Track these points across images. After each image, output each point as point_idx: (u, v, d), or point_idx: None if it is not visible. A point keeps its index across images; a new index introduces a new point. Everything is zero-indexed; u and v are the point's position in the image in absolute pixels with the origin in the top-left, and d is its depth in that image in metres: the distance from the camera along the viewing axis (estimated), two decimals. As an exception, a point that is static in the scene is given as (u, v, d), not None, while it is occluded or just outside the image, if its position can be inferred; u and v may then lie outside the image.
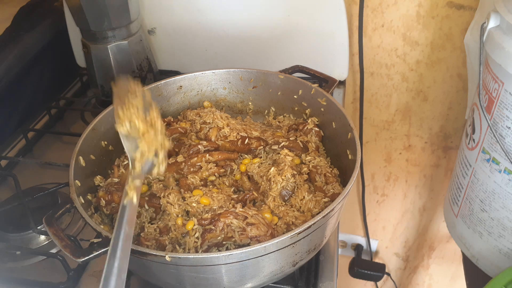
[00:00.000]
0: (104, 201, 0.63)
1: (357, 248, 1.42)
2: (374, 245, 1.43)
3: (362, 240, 1.42)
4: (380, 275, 1.30)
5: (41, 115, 1.00)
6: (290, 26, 0.95)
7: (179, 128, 0.73)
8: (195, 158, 0.67)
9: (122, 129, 0.56)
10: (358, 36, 0.98)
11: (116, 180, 0.65)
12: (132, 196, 0.51)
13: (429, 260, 1.41)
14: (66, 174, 0.81)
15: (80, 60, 1.07)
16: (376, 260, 1.47)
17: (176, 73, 1.05)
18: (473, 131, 0.67)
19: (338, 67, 0.98)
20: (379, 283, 1.49)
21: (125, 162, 0.68)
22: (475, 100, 0.68)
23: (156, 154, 0.56)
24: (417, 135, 1.14)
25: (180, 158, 0.67)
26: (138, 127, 0.56)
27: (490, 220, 0.67)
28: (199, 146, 0.69)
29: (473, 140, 0.67)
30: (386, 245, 1.43)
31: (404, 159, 1.20)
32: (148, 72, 0.97)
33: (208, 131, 0.72)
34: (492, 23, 0.60)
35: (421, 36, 0.97)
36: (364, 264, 1.32)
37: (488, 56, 0.61)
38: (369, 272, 1.30)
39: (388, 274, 1.40)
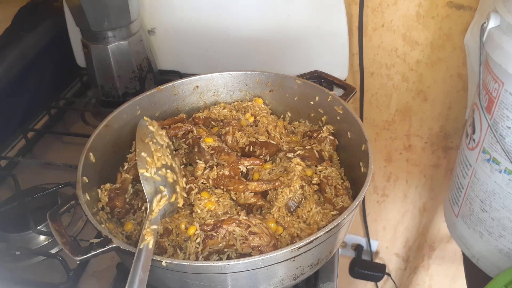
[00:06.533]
0: (108, 208, 0.63)
1: (357, 248, 1.42)
2: (374, 245, 1.43)
3: (362, 240, 1.42)
4: (381, 275, 1.30)
5: (41, 115, 1.00)
6: (290, 26, 0.95)
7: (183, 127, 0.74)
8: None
9: (147, 173, 0.59)
10: (358, 36, 0.98)
11: (118, 185, 0.65)
12: (149, 241, 0.52)
13: (430, 260, 1.41)
14: (66, 174, 0.83)
15: (80, 60, 1.07)
16: (377, 260, 1.47)
17: (176, 73, 1.05)
18: (473, 131, 0.67)
19: (338, 67, 0.98)
20: (379, 284, 1.49)
21: (125, 167, 0.69)
22: (475, 100, 0.67)
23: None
24: (417, 135, 1.14)
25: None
26: (166, 175, 0.60)
27: (491, 220, 0.67)
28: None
29: (473, 140, 0.67)
30: (387, 245, 1.43)
31: (404, 159, 1.20)
32: (148, 72, 0.97)
33: (227, 131, 0.72)
34: (492, 23, 0.60)
35: (421, 36, 0.97)
36: (365, 265, 1.32)
37: (488, 56, 0.61)
38: (369, 272, 1.30)
39: (389, 275, 1.40)
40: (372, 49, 1.02)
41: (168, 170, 0.61)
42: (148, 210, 0.57)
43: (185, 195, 0.63)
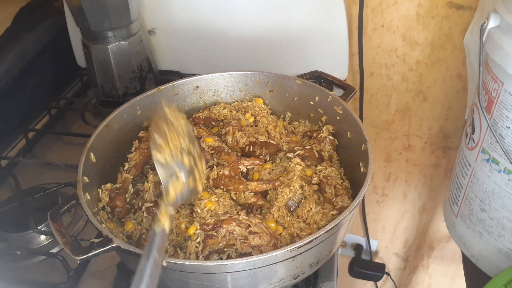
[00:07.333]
0: (109, 208, 0.63)
1: (357, 248, 1.42)
2: (374, 245, 1.43)
3: (362, 240, 1.42)
4: (380, 275, 1.30)
5: (41, 115, 1.00)
6: (290, 26, 0.95)
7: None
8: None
9: (160, 157, 0.56)
10: (358, 36, 0.98)
11: (118, 185, 0.65)
12: (164, 224, 0.50)
13: (429, 260, 1.41)
14: (66, 174, 0.83)
15: (81, 60, 1.07)
16: (376, 260, 1.47)
17: (176, 73, 1.05)
18: (473, 131, 0.67)
19: (338, 67, 0.98)
20: (379, 283, 1.50)
21: (126, 167, 0.69)
22: (474, 100, 0.68)
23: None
24: (417, 135, 1.14)
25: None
26: (183, 160, 0.56)
27: (490, 220, 0.67)
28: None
29: (473, 140, 0.67)
30: (386, 245, 1.43)
31: (404, 159, 1.20)
32: (149, 72, 0.98)
33: (227, 131, 0.72)
34: (491, 23, 0.60)
35: (421, 36, 0.97)
36: (364, 264, 1.32)
37: (488, 56, 0.61)
38: (369, 272, 1.30)
39: (388, 274, 1.39)
40: (372, 49, 1.02)
41: (184, 154, 0.58)
42: (164, 194, 0.55)
43: (205, 180, 0.62)
